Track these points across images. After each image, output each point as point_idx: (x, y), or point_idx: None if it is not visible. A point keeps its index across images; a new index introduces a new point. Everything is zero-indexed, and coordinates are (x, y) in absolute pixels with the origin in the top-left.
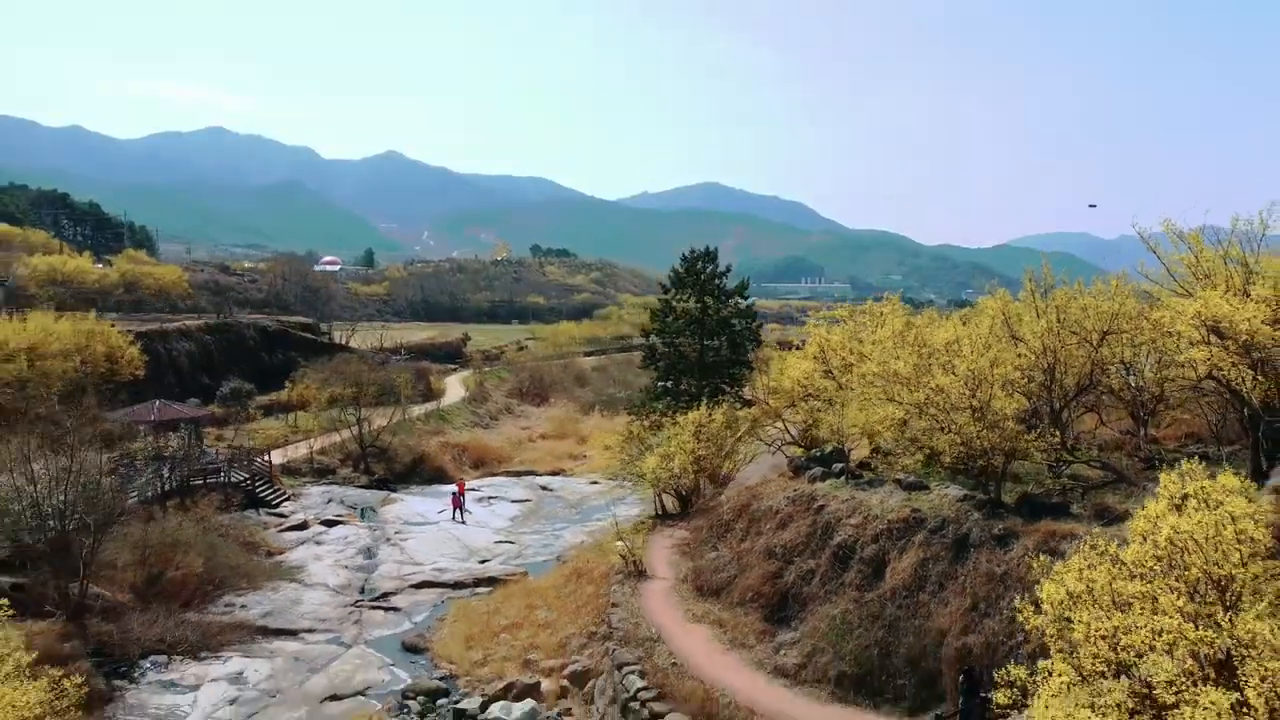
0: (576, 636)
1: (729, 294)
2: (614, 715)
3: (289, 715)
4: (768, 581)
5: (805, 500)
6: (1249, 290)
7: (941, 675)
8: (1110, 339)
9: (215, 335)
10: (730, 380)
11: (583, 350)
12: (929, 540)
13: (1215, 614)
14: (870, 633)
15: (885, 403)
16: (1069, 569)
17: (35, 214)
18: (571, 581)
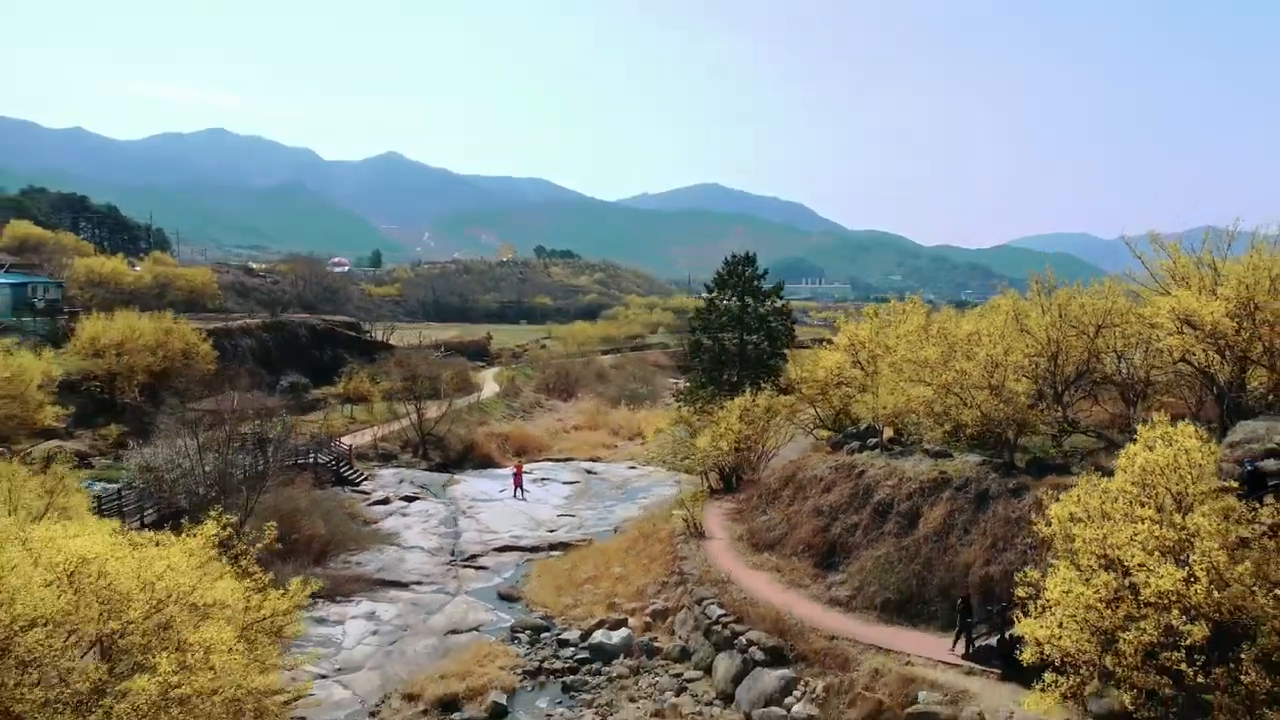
0: (651, 585)
1: (766, 294)
2: (698, 639)
3: (423, 643)
4: (817, 535)
5: (846, 468)
6: (1216, 290)
7: (967, 601)
8: (1104, 332)
9: (271, 333)
10: (768, 371)
11: (600, 349)
12: (955, 496)
13: (1173, 518)
14: (908, 569)
15: (916, 384)
16: (1071, 497)
17: (56, 216)
18: (638, 544)
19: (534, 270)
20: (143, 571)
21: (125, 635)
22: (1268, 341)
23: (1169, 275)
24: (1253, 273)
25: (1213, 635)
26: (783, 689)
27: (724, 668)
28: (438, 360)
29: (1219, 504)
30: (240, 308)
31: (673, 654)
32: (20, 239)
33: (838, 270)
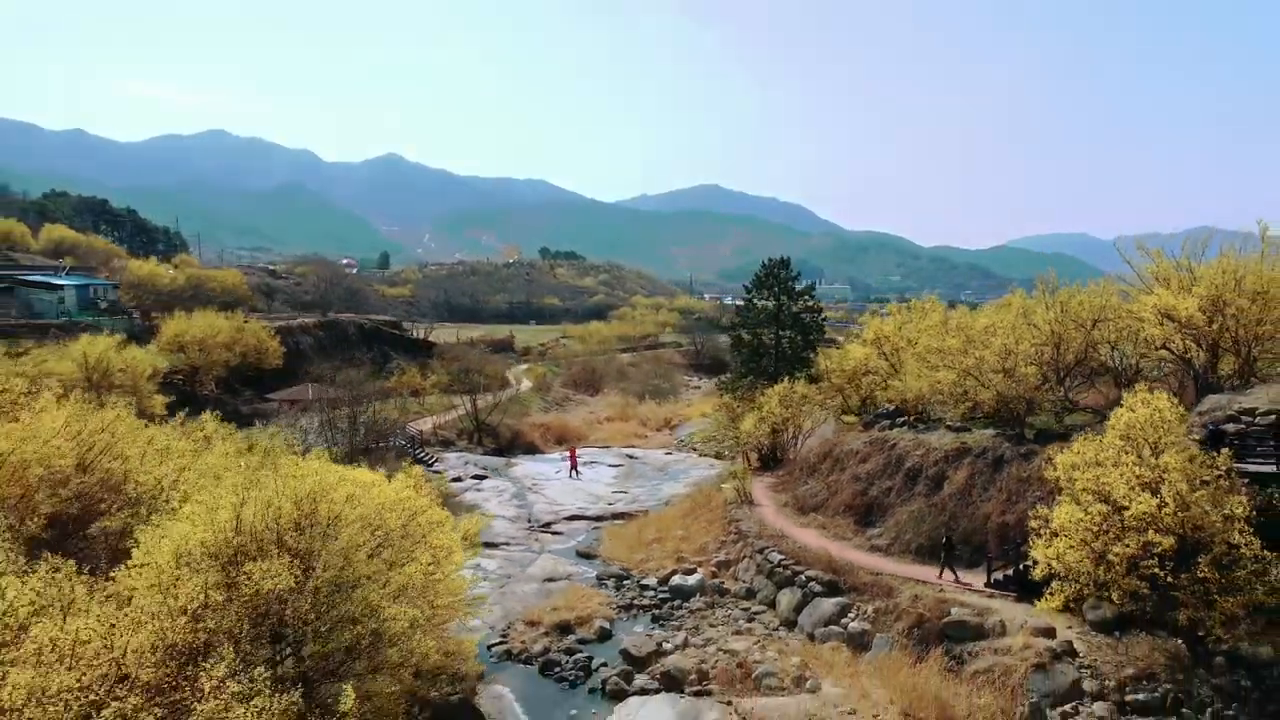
0: (712, 542)
1: (799, 294)
2: (760, 580)
3: (527, 587)
4: (856, 497)
5: (879, 442)
6: (1191, 289)
7: (987, 544)
8: (1099, 325)
9: (326, 331)
10: (801, 363)
11: (617, 348)
12: (974, 461)
13: (1150, 460)
14: (937, 520)
15: (939, 369)
16: (1072, 450)
17: (79, 219)
18: (694, 511)
19: (540, 271)
20: (394, 496)
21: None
22: (1234, 332)
23: (1152, 276)
24: (1221, 275)
25: (1178, 548)
26: (839, 612)
27: (786, 600)
28: (482, 356)
29: (1185, 451)
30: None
31: (739, 593)
32: (55, 242)
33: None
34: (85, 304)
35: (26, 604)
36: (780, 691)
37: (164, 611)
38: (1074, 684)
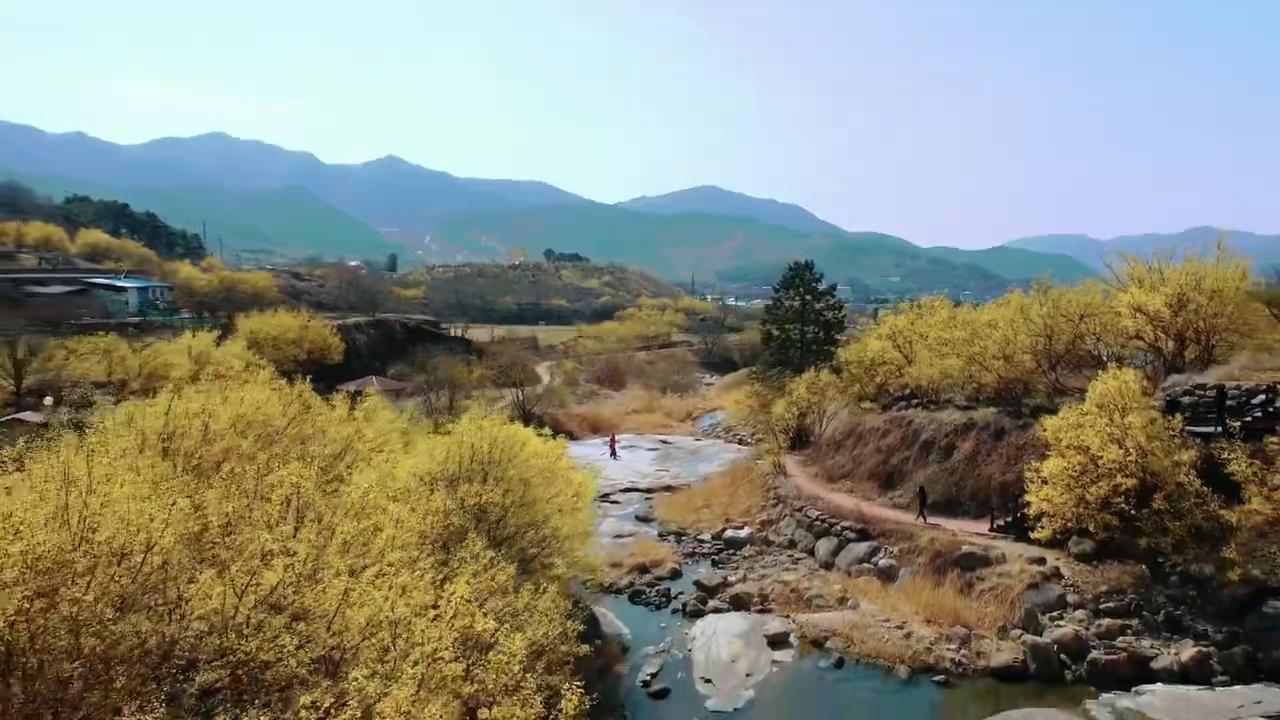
0: (755, 505)
1: (822, 294)
2: (801, 533)
3: (602, 540)
4: (878, 466)
5: (898, 420)
6: (1159, 288)
7: (990, 500)
8: (1085, 320)
9: (376, 329)
10: (824, 355)
11: (634, 347)
12: (979, 433)
13: (1117, 420)
14: (948, 481)
15: (948, 357)
16: (1059, 416)
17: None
18: (734, 482)
19: (545, 273)
20: (542, 446)
21: (543, 474)
22: (1195, 324)
23: (1128, 277)
24: (1185, 276)
25: (1139, 488)
26: (869, 553)
27: (824, 547)
28: (519, 353)
29: (1145, 414)
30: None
31: (783, 544)
32: (91, 246)
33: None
34: (145, 304)
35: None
36: (828, 609)
37: (425, 511)
38: (1059, 597)
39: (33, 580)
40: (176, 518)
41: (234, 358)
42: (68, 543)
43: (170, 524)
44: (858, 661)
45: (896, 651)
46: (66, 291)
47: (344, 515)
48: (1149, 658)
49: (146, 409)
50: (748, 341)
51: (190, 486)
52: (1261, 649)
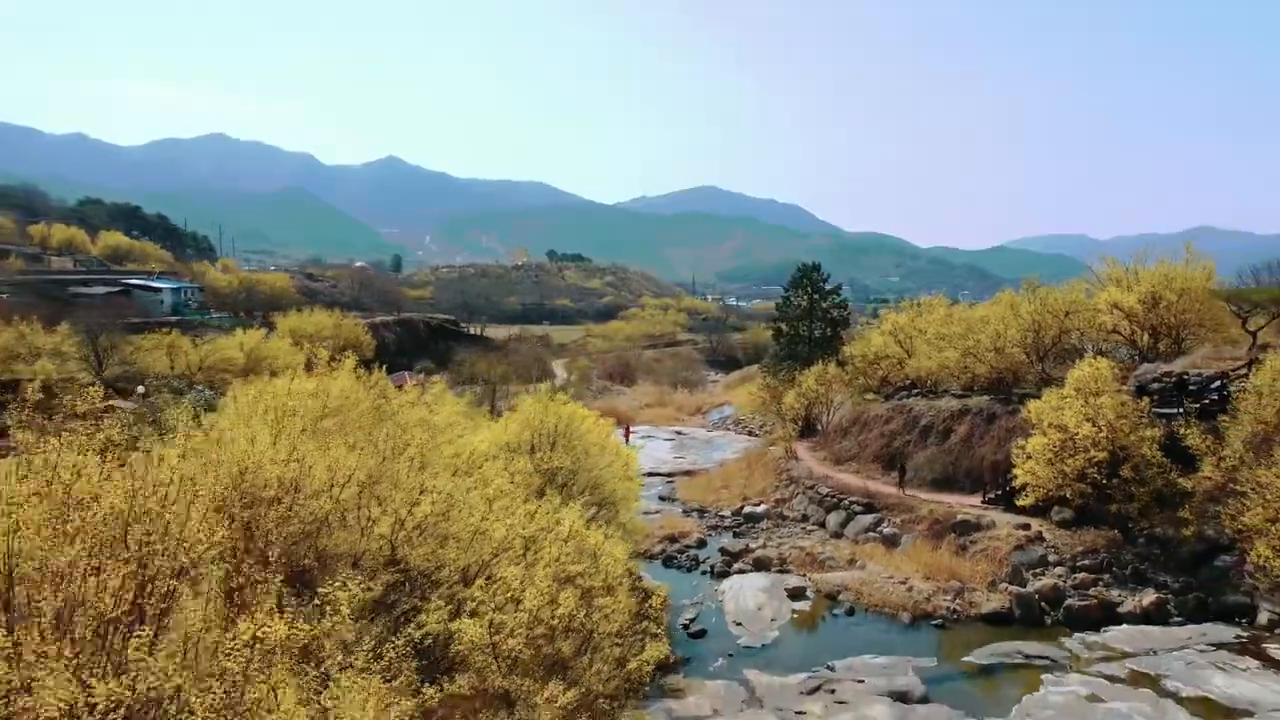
0: (769, 486)
1: (828, 293)
2: (812, 508)
3: None
4: (882, 449)
5: (900, 407)
6: (1134, 288)
7: (983, 476)
8: (1070, 316)
9: (402, 328)
10: (830, 350)
11: (641, 346)
12: (973, 418)
13: (1091, 401)
14: (945, 461)
15: (945, 350)
16: (1041, 400)
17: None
18: (749, 466)
19: (548, 274)
20: (595, 424)
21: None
22: (1166, 319)
23: (1107, 277)
24: (1156, 277)
25: (1109, 460)
26: (875, 523)
27: (834, 519)
28: (534, 350)
29: (1115, 396)
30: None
31: (796, 518)
32: (112, 248)
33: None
34: (178, 305)
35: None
36: (839, 569)
37: (513, 470)
38: (1041, 557)
39: (284, 496)
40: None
41: (284, 354)
42: (297, 474)
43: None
44: (866, 610)
45: (899, 601)
46: (108, 292)
47: (453, 471)
48: (1116, 604)
49: (269, 388)
50: (751, 341)
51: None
52: (1211, 595)
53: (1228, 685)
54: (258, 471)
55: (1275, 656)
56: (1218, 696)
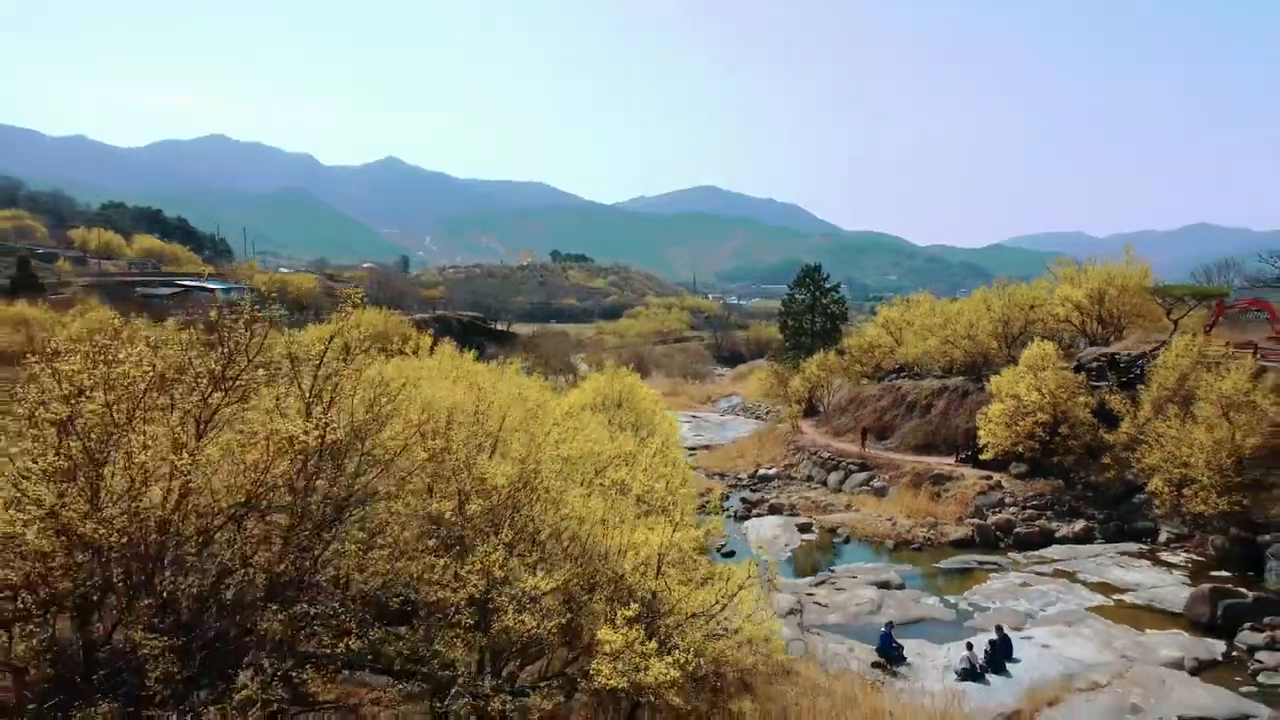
0: (779, 454)
1: (828, 290)
2: (815, 470)
3: None
4: (874, 422)
5: (890, 388)
6: (1082, 284)
7: (957, 442)
8: (1034, 309)
9: (438, 324)
10: (830, 340)
11: (651, 341)
12: (951, 395)
13: (1039, 375)
14: (926, 429)
15: (929, 339)
16: (1001, 375)
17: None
18: (760, 440)
19: (552, 274)
20: (648, 392)
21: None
22: (1109, 310)
23: (1062, 276)
24: (1101, 275)
25: (1052, 422)
26: (867, 479)
27: (833, 478)
28: (558, 345)
29: (1059, 372)
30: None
31: (802, 478)
32: (145, 251)
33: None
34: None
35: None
36: (838, 512)
37: (596, 422)
38: (999, 500)
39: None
40: (516, 410)
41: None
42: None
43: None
44: (859, 540)
45: (885, 532)
46: (172, 293)
47: (563, 414)
48: (1054, 530)
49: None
50: (754, 337)
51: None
52: (1127, 522)
53: (1122, 575)
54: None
55: (1163, 560)
56: (1113, 581)
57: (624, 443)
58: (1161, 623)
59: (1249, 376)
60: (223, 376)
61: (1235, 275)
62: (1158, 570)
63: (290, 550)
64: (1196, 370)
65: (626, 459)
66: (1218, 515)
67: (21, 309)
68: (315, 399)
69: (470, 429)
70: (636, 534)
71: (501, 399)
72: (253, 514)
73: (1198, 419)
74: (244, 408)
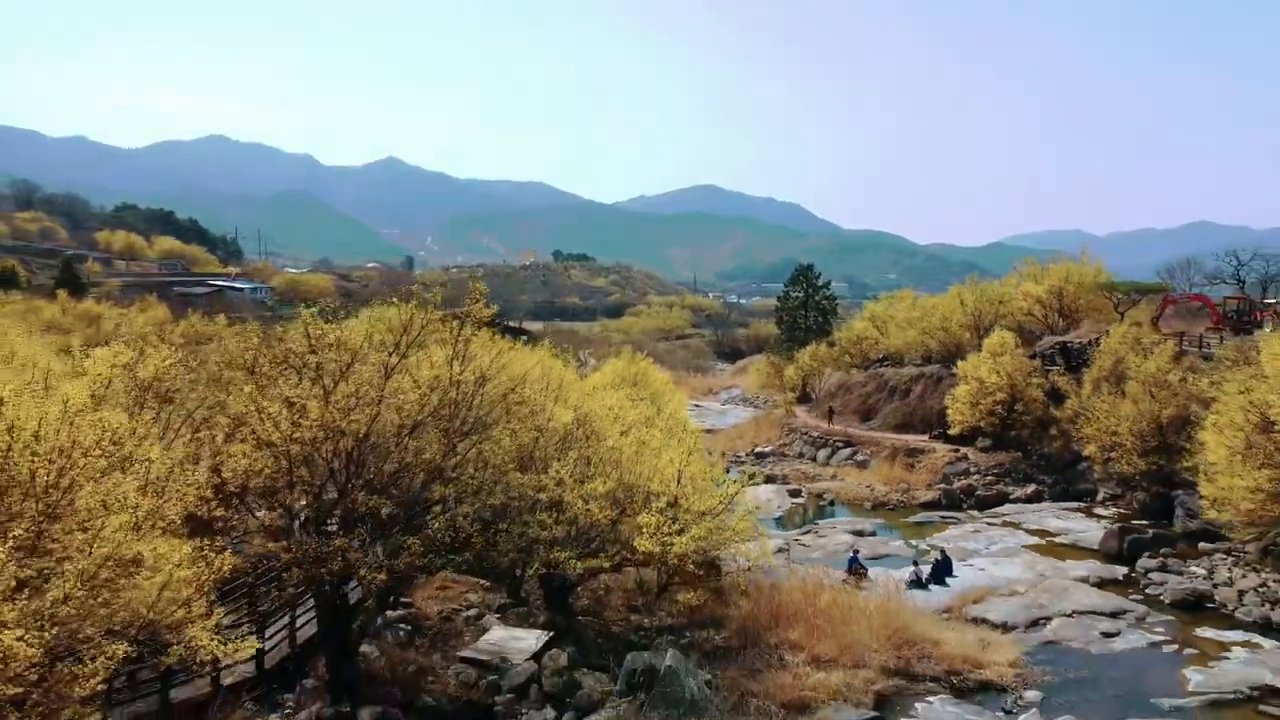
0: (774, 436)
1: (820, 288)
2: (806, 447)
3: None
4: (859, 406)
5: (873, 375)
6: (1043, 281)
7: (932, 421)
8: (1002, 304)
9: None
10: (822, 333)
11: (655, 338)
12: (926, 381)
13: (998, 360)
14: (904, 410)
15: (909, 331)
16: (967, 361)
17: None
18: (758, 424)
19: (555, 273)
20: (660, 375)
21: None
22: (1067, 305)
23: (1026, 275)
24: (1060, 273)
25: (1009, 400)
26: (851, 453)
27: (822, 454)
28: (573, 339)
29: (1016, 357)
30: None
31: (794, 455)
32: (165, 251)
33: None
34: (256, 301)
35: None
36: (824, 481)
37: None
38: (965, 469)
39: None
40: None
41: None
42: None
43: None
44: (842, 503)
45: (865, 496)
46: (207, 291)
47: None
48: (1009, 493)
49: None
50: (753, 335)
51: None
52: (1071, 485)
53: (1058, 524)
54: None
55: (1095, 513)
56: (1049, 529)
57: (644, 409)
58: (1081, 556)
59: (1169, 359)
60: (396, 345)
61: (1195, 273)
62: (1089, 520)
63: (443, 450)
64: (1129, 354)
65: (647, 419)
66: (1139, 474)
67: (90, 305)
68: (457, 357)
69: (539, 386)
70: (661, 459)
71: (556, 369)
72: (418, 428)
73: (1127, 395)
74: (407, 362)
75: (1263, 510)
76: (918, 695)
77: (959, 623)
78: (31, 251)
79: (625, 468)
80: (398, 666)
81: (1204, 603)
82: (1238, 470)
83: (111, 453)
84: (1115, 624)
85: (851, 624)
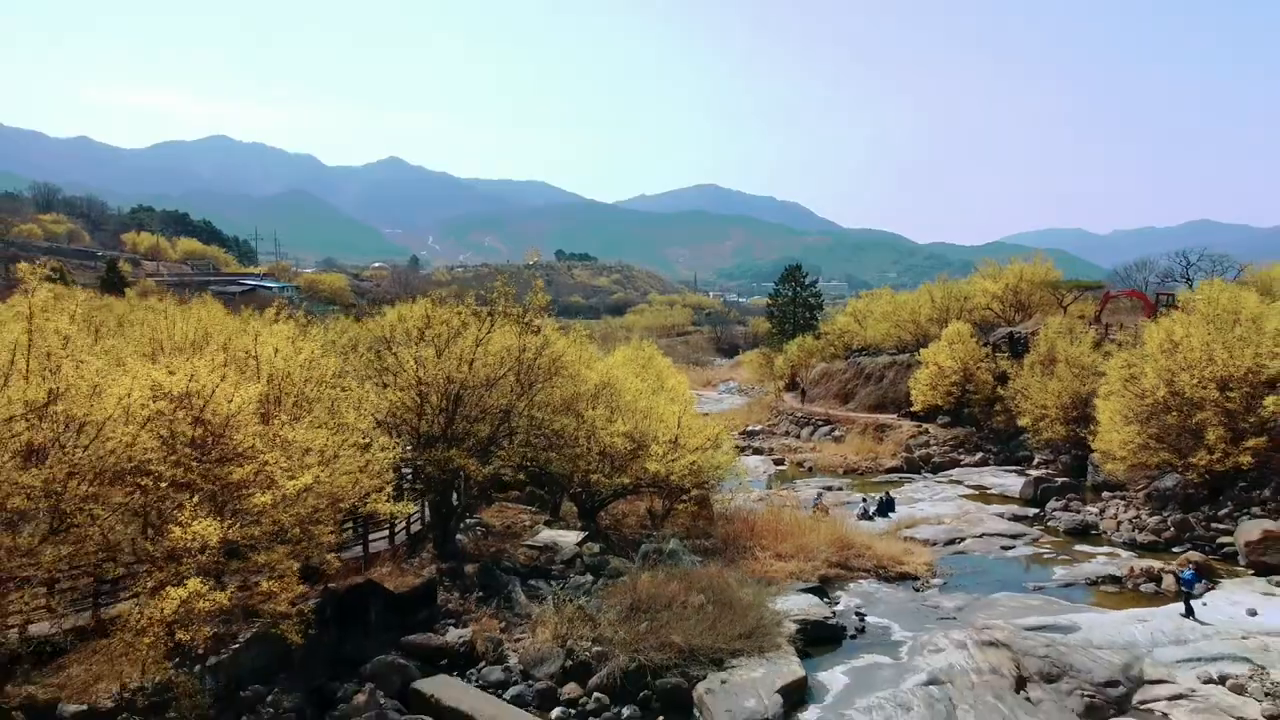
0: (764, 419)
1: (808, 286)
2: (793, 426)
3: None
4: (840, 391)
5: (854, 364)
6: (1000, 279)
7: (900, 402)
8: (966, 300)
9: None
10: (809, 328)
11: (657, 335)
12: (898, 368)
13: (955, 346)
14: (878, 393)
15: (883, 323)
16: (927, 350)
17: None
18: (750, 410)
19: (558, 272)
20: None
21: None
22: (1021, 300)
23: (985, 274)
24: (1015, 272)
25: (964, 381)
26: (830, 430)
27: (805, 432)
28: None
29: (970, 346)
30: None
31: (781, 434)
32: (188, 252)
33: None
34: (285, 298)
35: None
36: (805, 453)
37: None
38: (925, 441)
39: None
40: None
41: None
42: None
43: None
44: (819, 471)
45: (839, 464)
46: (240, 291)
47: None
48: (960, 460)
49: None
50: (751, 332)
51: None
52: (1012, 453)
53: (993, 480)
54: None
55: (1027, 474)
56: (985, 484)
57: (651, 382)
58: (1003, 502)
59: (1091, 345)
60: (481, 324)
61: (1150, 274)
62: (1020, 479)
63: (515, 395)
64: (1060, 341)
65: (654, 389)
66: (1062, 440)
67: (155, 302)
68: (526, 328)
69: (574, 357)
70: (666, 411)
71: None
72: (499, 381)
73: (1055, 375)
74: (490, 335)
75: (1135, 459)
76: (853, 578)
77: (892, 539)
78: (65, 253)
79: (639, 415)
80: (482, 548)
81: (1090, 530)
82: (1117, 428)
83: (335, 384)
84: (1013, 542)
85: (807, 534)
